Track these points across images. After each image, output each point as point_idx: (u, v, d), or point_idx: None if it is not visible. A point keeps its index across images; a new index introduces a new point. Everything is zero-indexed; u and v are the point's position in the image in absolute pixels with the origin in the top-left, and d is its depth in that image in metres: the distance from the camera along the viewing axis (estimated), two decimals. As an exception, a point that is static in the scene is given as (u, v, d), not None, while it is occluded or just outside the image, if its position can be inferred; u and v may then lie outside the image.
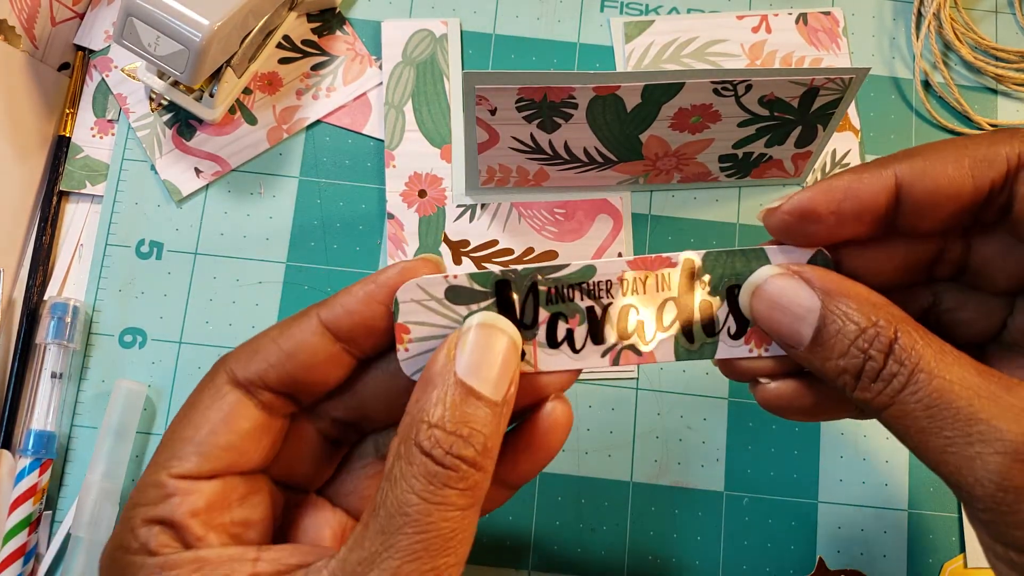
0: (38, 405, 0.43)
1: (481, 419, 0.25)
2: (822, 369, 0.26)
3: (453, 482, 0.24)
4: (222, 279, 0.46)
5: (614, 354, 0.28)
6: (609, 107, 0.41)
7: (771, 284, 0.27)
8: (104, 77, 0.48)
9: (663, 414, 0.45)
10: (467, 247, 0.47)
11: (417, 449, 0.24)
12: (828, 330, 0.26)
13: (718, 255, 0.28)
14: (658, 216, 0.48)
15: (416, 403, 0.25)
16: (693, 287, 0.28)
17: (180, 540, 0.26)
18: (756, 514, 0.44)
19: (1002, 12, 0.51)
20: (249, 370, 0.27)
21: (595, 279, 0.28)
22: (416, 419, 0.25)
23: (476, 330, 0.26)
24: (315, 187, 0.47)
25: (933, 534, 0.44)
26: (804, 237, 0.28)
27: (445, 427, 0.24)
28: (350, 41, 0.49)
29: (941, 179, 0.26)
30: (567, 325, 0.28)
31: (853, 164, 0.48)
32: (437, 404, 0.25)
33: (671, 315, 0.28)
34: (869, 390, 0.25)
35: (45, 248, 0.46)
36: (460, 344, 0.26)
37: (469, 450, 0.24)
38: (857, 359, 0.25)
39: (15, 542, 0.41)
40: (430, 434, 0.24)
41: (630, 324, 0.28)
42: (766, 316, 0.27)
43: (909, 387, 0.24)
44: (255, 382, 0.27)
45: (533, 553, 0.44)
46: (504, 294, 0.28)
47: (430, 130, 0.48)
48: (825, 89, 0.41)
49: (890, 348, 0.25)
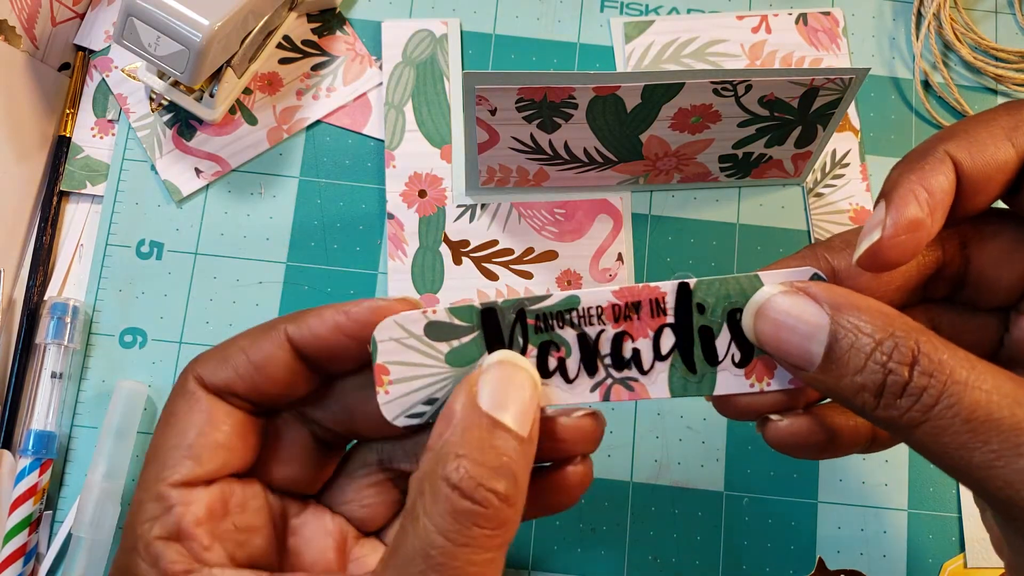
0: (38, 405, 0.43)
1: (512, 451, 0.23)
2: (837, 389, 0.24)
3: (483, 520, 0.22)
4: (222, 279, 0.46)
5: (604, 389, 0.27)
6: (609, 107, 0.41)
7: (775, 302, 0.25)
8: (104, 77, 0.48)
9: (663, 414, 0.45)
10: (467, 247, 0.47)
11: (444, 483, 0.23)
12: (840, 345, 0.24)
13: (711, 282, 0.27)
14: (658, 216, 0.48)
15: (439, 437, 0.24)
16: (691, 311, 0.27)
17: (189, 553, 0.25)
18: (756, 514, 0.44)
19: (1002, 12, 0.51)
20: (218, 377, 0.27)
21: (581, 307, 0.26)
22: (441, 453, 0.23)
23: (497, 367, 0.25)
24: (315, 187, 0.47)
25: (933, 534, 0.44)
26: (910, 254, 0.25)
27: (475, 457, 0.23)
28: (350, 41, 0.49)
29: (988, 152, 0.25)
30: (558, 355, 0.27)
31: (853, 164, 0.48)
32: (464, 436, 0.23)
33: (669, 342, 0.27)
34: (895, 407, 0.23)
35: (45, 248, 0.46)
36: (482, 380, 0.25)
37: (501, 483, 0.23)
38: (877, 374, 0.23)
39: (15, 542, 0.41)
40: (458, 464, 0.23)
41: (625, 352, 0.27)
42: (772, 337, 0.25)
43: (944, 400, 0.22)
44: (223, 389, 0.27)
45: (533, 553, 0.44)
46: (491, 326, 0.26)
47: (430, 130, 0.48)
48: (825, 89, 0.41)
49: (914, 360, 0.23)
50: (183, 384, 0.27)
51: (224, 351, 0.27)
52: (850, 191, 0.48)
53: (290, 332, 0.27)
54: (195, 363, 0.27)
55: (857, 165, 0.48)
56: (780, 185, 0.48)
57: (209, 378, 0.27)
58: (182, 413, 0.27)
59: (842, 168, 0.48)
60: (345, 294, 0.46)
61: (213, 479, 0.26)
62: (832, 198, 0.48)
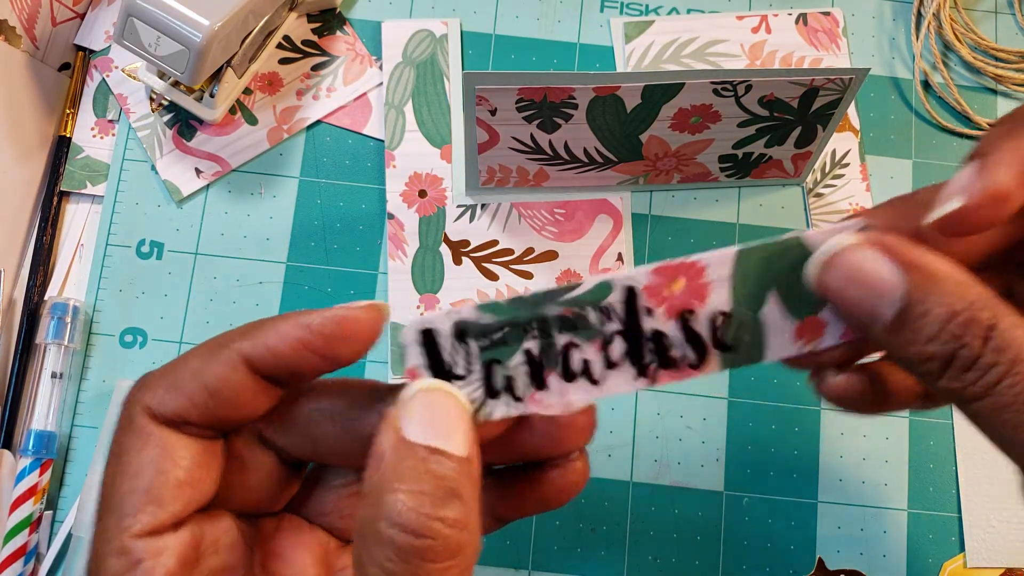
0: (38, 405, 0.43)
1: (452, 472, 0.21)
2: (904, 353, 0.23)
3: (433, 554, 0.20)
4: (222, 279, 0.46)
5: (651, 373, 0.25)
6: (609, 107, 0.41)
7: (849, 255, 0.23)
8: (104, 77, 0.48)
9: (663, 414, 0.45)
10: (467, 247, 0.47)
11: (384, 523, 0.20)
12: (915, 310, 0.22)
13: (751, 250, 0.25)
14: (658, 216, 0.48)
15: (370, 480, 0.22)
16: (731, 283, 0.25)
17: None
18: (756, 514, 0.44)
19: (1002, 12, 0.51)
20: (168, 407, 0.24)
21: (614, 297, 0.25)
22: (377, 493, 0.21)
23: (418, 396, 0.23)
24: (315, 187, 0.47)
25: (933, 534, 0.44)
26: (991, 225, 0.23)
27: (413, 489, 0.21)
28: (350, 41, 0.49)
29: None
30: (586, 353, 0.25)
31: (853, 165, 0.48)
32: (398, 470, 0.21)
33: (707, 318, 0.25)
34: (960, 380, 0.22)
35: (45, 248, 0.46)
36: (405, 414, 0.23)
37: (448, 509, 0.21)
38: (948, 345, 0.22)
39: (15, 542, 0.41)
40: (395, 500, 0.21)
41: (666, 334, 0.25)
42: (840, 290, 0.23)
43: (1009, 378, 0.21)
44: (176, 420, 0.24)
45: (533, 553, 0.44)
46: (430, 348, 0.24)
47: (430, 130, 0.48)
48: (825, 89, 0.41)
49: (987, 335, 0.22)
50: (130, 418, 0.24)
51: (173, 375, 0.24)
52: (850, 191, 0.48)
53: (245, 351, 0.24)
54: (140, 392, 0.24)
55: (857, 165, 0.49)
56: (780, 185, 0.48)
57: (159, 408, 0.24)
58: (134, 451, 0.24)
59: (842, 168, 0.48)
60: (345, 294, 0.46)
61: (180, 521, 0.24)
62: (832, 198, 0.48)
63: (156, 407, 0.24)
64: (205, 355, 0.24)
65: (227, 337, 0.24)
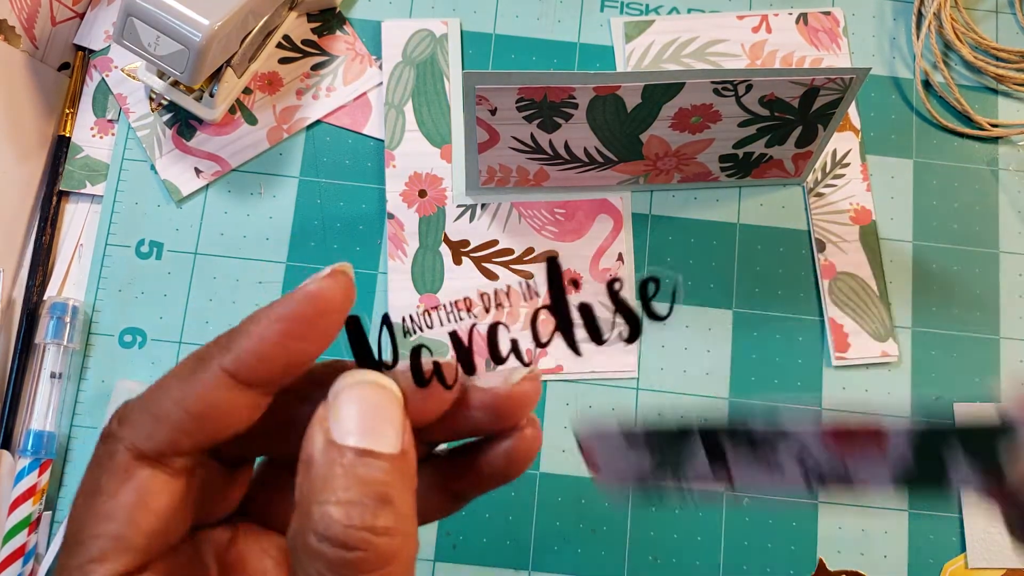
0: (38, 405, 0.43)
1: (382, 474, 0.21)
2: None
3: (366, 565, 0.19)
4: (222, 279, 0.46)
5: None
6: (609, 107, 0.41)
7: None
8: (104, 77, 0.48)
9: (663, 414, 0.45)
10: (467, 247, 0.47)
11: (314, 537, 0.20)
12: None
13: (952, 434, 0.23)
14: (658, 216, 0.48)
15: (300, 488, 0.21)
16: None
17: None
18: (756, 514, 0.44)
19: (1002, 12, 0.51)
20: (155, 440, 0.22)
21: None
22: (305, 505, 0.20)
23: (344, 392, 0.22)
24: (315, 187, 0.47)
25: (933, 534, 0.44)
26: None
27: (339, 498, 0.20)
28: (350, 41, 0.49)
29: None
30: None
31: (853, 164, 0.48)
32: (326, 478, 0.20)
33: None
34: None
35: (45, 248, 0.46)
36: (331, 414, 0.21)
37: (377, 516, 0.20)
38: None
39: (15, 542, 0.41)
40: (322, 513, 0.20)
41: None
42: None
43: None
44: (165, 452, 0.23)
45: (533, 553, 0.44)
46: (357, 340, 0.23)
47: (430, 130, 0.48)
48: (825, 89, 0.41)
49: None
50: (110, 455, 0.23)
51: (153, 406, 0.23)
52: (850, 191, 0.48)
53: (227, 366, 0.22)
54: (122, 428, 0.23)
55: (858, 165, 0.48)
56: (780, 185, 0.48)
57: (144, 445, 0.22)
58: (108, 494, 0.22)
59: (842, 168, 0.48)
60: (345, 294, 0.46)
61: (145, 565, 0.22)
62: (832, 198, 0.48)
63: (142, 444, 0.22)
64: (187, 377, 0.23)
65: (205, 353, 0.23)
